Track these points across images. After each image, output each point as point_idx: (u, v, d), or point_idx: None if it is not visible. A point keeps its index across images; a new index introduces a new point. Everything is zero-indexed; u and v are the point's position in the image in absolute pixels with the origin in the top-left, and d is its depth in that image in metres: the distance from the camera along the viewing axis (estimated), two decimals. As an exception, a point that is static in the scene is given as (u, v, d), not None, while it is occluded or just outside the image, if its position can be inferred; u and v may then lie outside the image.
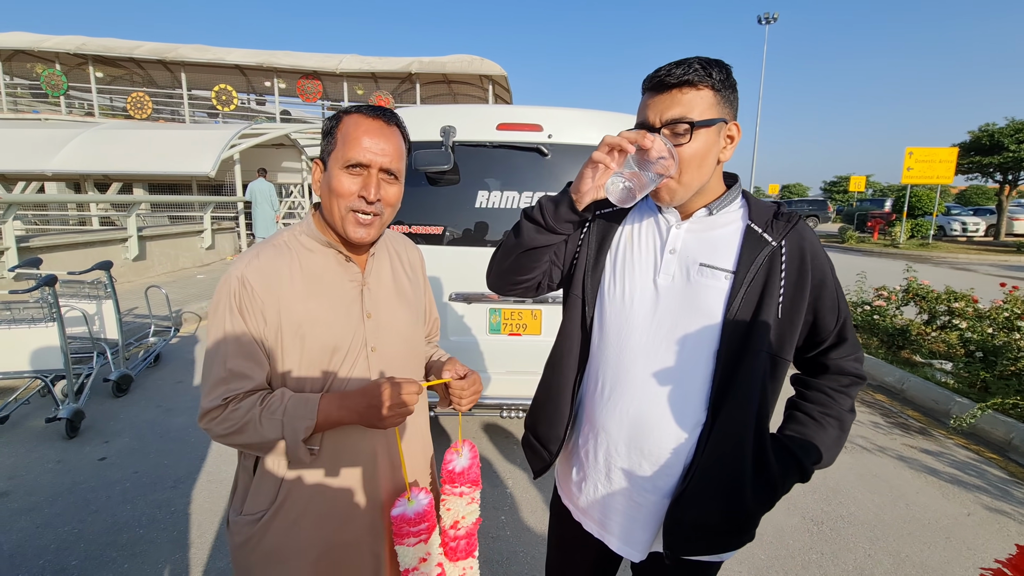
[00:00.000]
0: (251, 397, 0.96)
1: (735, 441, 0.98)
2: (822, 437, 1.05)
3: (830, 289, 1.00)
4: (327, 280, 1.03)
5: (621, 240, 1.13)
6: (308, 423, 0.94)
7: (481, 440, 3.40)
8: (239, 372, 0.95)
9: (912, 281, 5.67)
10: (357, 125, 0.99)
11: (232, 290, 0.96)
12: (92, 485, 2.77)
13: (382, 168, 0.99)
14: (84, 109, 18.66)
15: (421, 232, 2.81)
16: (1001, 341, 4.22)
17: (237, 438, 0.94)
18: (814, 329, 1.03)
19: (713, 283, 0.99)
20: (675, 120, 0.93)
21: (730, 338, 0.96)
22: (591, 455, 1.11)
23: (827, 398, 1.07)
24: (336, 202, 0.99)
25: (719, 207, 1.04)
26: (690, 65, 0.92)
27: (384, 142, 0.99)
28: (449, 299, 2.83)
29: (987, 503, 2.81)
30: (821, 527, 2.58)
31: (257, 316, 0.96)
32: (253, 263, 0.98)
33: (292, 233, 1.06)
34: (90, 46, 16.73)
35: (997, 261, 14.89)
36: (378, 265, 1.13)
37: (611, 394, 1.07)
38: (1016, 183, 20.04)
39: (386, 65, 17.30)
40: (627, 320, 1.06)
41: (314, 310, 1.00)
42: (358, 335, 1.04)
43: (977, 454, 3.38)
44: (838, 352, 1.06)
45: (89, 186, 13.63)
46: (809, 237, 1.00)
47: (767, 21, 28.45)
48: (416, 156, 2.66)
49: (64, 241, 7.41)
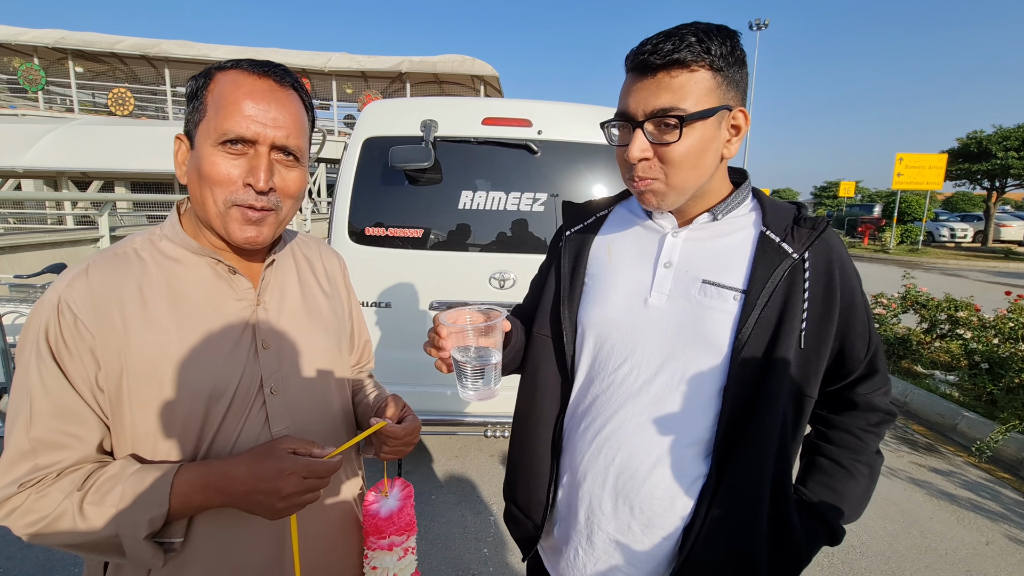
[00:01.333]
0: (70, 476, 0.67)
1: (748, 500, 0.79)
2: (852, 489, 0.88)
3: (860, 312, 0.83)
4: (199, 300, 0.75)
5: (600, 255, 0.95)
6: (155, 511, 0.65)
7: (464, 461, 3.16)
8: (51, 442, 0.67)
9: (911, 288, 5.53)
10: (236, 85, 0.71)
11: (43, 323, 0.67)
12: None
13: (276, 145, 0.73)
14: (64, 105, 18.18)
15: (399, 235, 2.58)
16: (1008, 352, 4.06)
17: (49, 538, 0.66)
18: (840, 359, 0.85)
19: (719, 305, 0.80)
20: (661, 112, 0.74)
21: (740, 374, 0.77)
22: (571, 512, 0.90)
23: (856, 440, 0.89)
24: (210, 192, 0.72)
25: (725, 210, 0.86)
26: (682, 38, 0.73)
27: (277, 109, 0.73)
28: (430, 308, 2.59)
29: (1006, 530, 2.62)
30: (833, 560, 2.38)
31: (83, 357, 0.68)
32: (78, 282, 0.69)
33: (148, 238, 0.78)
34: (70, 40, 16.29)
35: (986, 267, 14.95)
36: (279, 277, 0.86)
37: (594, 438, 0.87)
38: (1003, 190, 20.22)
39: (376, 64, 17.04)
40: (612, 350, 0.87)
41: (178, 343, 0.72)
42: (249, 374, 0.76)
43: (989, 474, 3.20)
44: (867, 386, 0.88)
45: (66, 184, 13.22)
46: (838, 248, 0.82)
47: (758, 27, 28.59)
48: (393, 152, 2.44)
49: (30, 241, 7.07)
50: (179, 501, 0.67)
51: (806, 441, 0.95)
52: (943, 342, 5.15)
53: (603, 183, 2.59)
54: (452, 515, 2.60)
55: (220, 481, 0.69)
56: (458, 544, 2.40)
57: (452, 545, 2.38)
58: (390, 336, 2.59)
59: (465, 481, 2.92)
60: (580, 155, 2.58)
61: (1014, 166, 18.21)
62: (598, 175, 2.60)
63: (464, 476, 2.97)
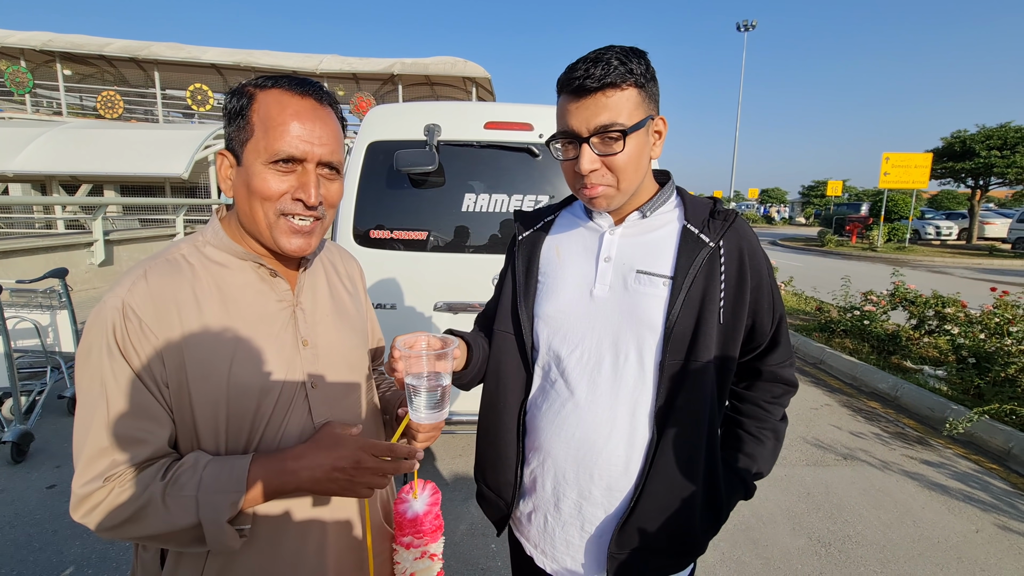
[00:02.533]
0: (148, 469, 0.71)
1: (685, 459, 0.92)
2: (761, 452, 1.04)
3: (767, 290, 0.96)
4: (246, 302, 0.80)
5: (550, 254, 1.06)
6: (234, 497, 0.70)
7: (467, 460, 3.20)
8: (128, 437, 0.70)
9: (899, 286, 5.65)
10: (282, 106, 0.75)
11: (110, 325, 0.71)
12: (38, 517, 2.50)
13: (321, 161, 0.78)
14: (52, 108, 17.97)
15: (404, 238, 2.62)
16: (993, 347, 4.18)
17: (132, 530, 0.69)
18: (751, 333, 0.98)
19: (652, 291, 0.92)
20: (604, 128, 0.85)
21: (673, 348, 0.89)
22: (539, 484, 1.01)
23: (762, 411, 1.05)
24: (261, 207, 0.77)
25: (652, 208, 0.98)
26: (609, 63, 0.84)
27: (321, 127, 0.77)
28: (434, 309, 2.64)
29: (994, 518, 2.71)
30: (829, 549, 2.45)
31: (150, 357, 0.72)
32: (138, 286, 0.73)
33: (193, 244, 0.82)
34: (57, 42, 16.12)
35: (971, 264, 15.22)
36: (313, 280, 0.91)
37: (555, 417, 0.98)
38: (987, 188, 20.58)
39: (368, 66, 17.03)
40: (566, 337, 0.98)
41: (232, 343, 0.77)
42: (293, 369, 0.82)
43: (978, 464, 3.30)
44: (772, 357, 1.03)
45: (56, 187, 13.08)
46: (747, 235, 0.95)
47: (746, 28, 28.88)
48: (398, 156, 2.48)
49: (23, 246, 7.00)
50: (256, 486, 0.72)
51: (724, 414, 1.09)
52: (931, 338, 5.27)
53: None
54: (458, 512, 2.65)
55: (297, 465, 0.74)
56: (465, 540, 2.44)
57: (460, 541, 2.43)
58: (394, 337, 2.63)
59: (468, 478, 2.97)
60: (580, 158, 2.64)
61: (997, 164, 18.56)
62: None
63: (467, 474, 3.02)
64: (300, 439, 0.81)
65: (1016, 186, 21.27)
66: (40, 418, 3.35)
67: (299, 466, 0.74)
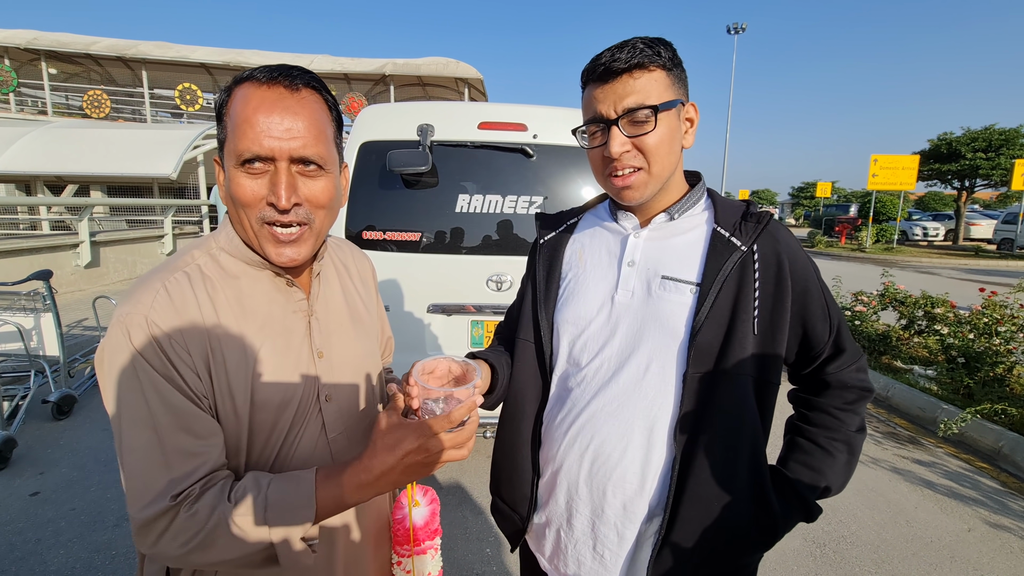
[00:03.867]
0: (211, 489, 0.67)
1: (722, 481, 0.84)
2: (831, 466, 0.91)
3: (816, 295, 0.88)
4: (264, 313, 0.76)
5: (572, 259, 1.02)
6: (306, 513, 0.66)
7: (463, 463, 3.16)
8: (186, 450, 0.66)
9: (889, 286, 5.70)
10: (247, 100, 0.69)
11: (139, 342, 0.66)
12: (20, 526, 2.44)
13: (294, 157, 0.70)
14: (37, 107, 17.70)
15: (396, 239, 2.59)
16: (983, 346, 4.22)
17: (203, 555, 0.65)
18: (806, 342, 0.90)
19: (677, 298, 0.86)
20: (634, 108, 0.82)
21: (698, 360, 0.83)
22: (552, 498, 0.96)
23: (832, 419, 0.92)
24: (244, 214, 0.72)
25: (681, 210, 0.92)
26: (635, 47, 0.82)
27: (291, 118, 0.69)
28: (427, 311, 2.61)
29: (986, 517, 2.73)
30: (824, 549, 2.45)
31: (185, 371, 0.68)
32: (159, 301, 0.68)
33: (206, 253, 0.77)
34: (42, 41, 15.88)
35: (957, 264, 15.43)
36: (326, 287, 0.87)
37: (569, 428, 0.92)
38: (972, 190, 20.89)
39: (359, 66, 16.94)
40: (586, 345, 0.93)
41: (251, 356, 0.73)
42: (309, 382, 0.78)
43: (968, 463, 3.32)
44: (837, 364, 0.92)
45: (41, 188, 12.87)
46: (785, 239, 0.88)
47: (736, 31, 29.08)
48: (391, 156, 2.45)
49: (6, 247, 6.87)
50: (328, 502, 0.69)
51: (788, 422, 0.99)
52: (921, 338, 5.31)
53: (597, 186, 2.64)
54: (453, 516, 2.62)
55: (370, 477, 0.69)
56: (460, 545, 2.41)
57: (455, 546, 2.40)
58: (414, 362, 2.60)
59: (464, 482, 2.94)
60: (575, 159, 2.62)
61: (982, 166, 18.86)
62: (592, 178, 2.64)
63: (463, 477, 2.99)
64: (312, 454, 0.78)
65: (1001, 188, 21.62)
66: (24, 424, 3.27)
67: (372, 477, 0.69)
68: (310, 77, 0.74)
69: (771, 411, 0.90)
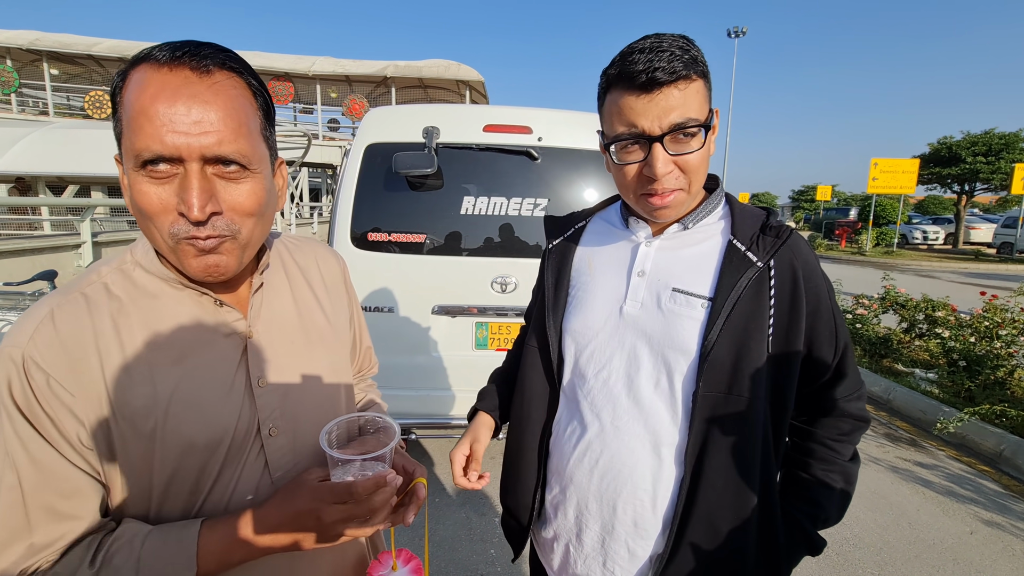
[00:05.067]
0: (72, 552, 0.58)
1: (731, 505, 0.81)
2: (828, 497, 0.89)
3: (826, 316, 0.84)
4: (184, 339, 0.64)
5: (581, 266, 0.98)
6: (184, 575, 0.58)
7: (465, 462, 3.18)
8: (53, 512, 0.57)
9: (890, 289, 5.72)
10: (143, 87, 0.56)
11: (8, 385, 0.57)
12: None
13: (207, 157, 0.57)
14: (38, 108, 17.74)
15: (401, 240, 2.61)
16: (983, 350, 4.23)
17: None
18: (808, 363, 0.86)
19: (688, 312, 0.82)
20: (680, 124, 0.76)
21: (709, 378, 0.79)
22: (561, 511, 0.94)
23: (829, 452, 0.90)
24: (152, 226, 0.59)
25: (696, 219, 0.88)
26: (673, 54, 0.75)
27: (201, 107, 0.56)
28: (432, 313, 2.62)
29: (988, 519, 2.74)
30: (827, 552, 2.45)
31: (63, 419, 0.58)
32: (43, 333, 0.58)
33: (117, 269, 0.66)
34: (44, 41, 15.91)
35: (957, 268, 15.44)
36: (271, 299, 0.74)
37: (578, 442, 0.90)
38: (972, 193, 20.95)
39: (361, 68, 16.96)
40: (592, 356, 0.90)
41: (166, 392, 0.62)
42: (245, 418, 0.67)
43: (970, 466, 3.33)
44: (838, 390, 0.88)
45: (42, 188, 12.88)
46: (803, 254, 0.83)
47: (736, 35, 29.17)
48: (397, 159, 2.46)
49: (8, 247, 6.86)
50: (211, 560, 0.60)
51: (785, 453, 0.95)
52: (922, 341, 5.33)
53: (602, 188, 2.65)
54: (456, 517, 2.63)
55: (258, 531, 0.62)
56: (464, 546, 2.42)
57: (458, 547, 2.41)
58: (392, 341, 2.61)
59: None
60: (579, 161, 2.64)
61: (982, 170, 18.92)
62: (597, 181, 2.66)
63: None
64: (255, 497, 0.68)
65: (1001, 192, 21.67)
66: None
67: (255, 532, 0.62)
68: (225, 56, 0.60)
69: (785, 430, 0.87)
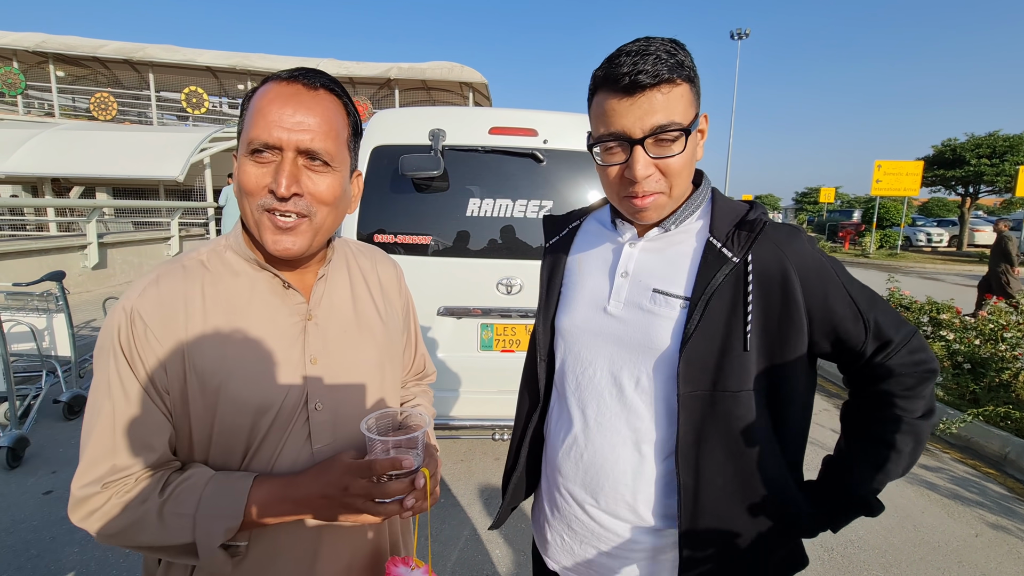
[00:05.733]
0: (147, 481, 0.69)
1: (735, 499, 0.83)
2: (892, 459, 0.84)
3: (840, 296, 0.81)
4: (254, 313, 0.76)
5: (573, 265, 1.01)
6: (231, 523, 0.67)
7: (470, 464, 3.19)
8: (131, 443, 0.69)
9: (894, 292, 5.71)
10: (265, 95, 0.71)
11: (117, 329, 0.69)
12: (35, 523, 2.47)
13: (300, 149, 0.71)
14: (44, 109, 17.84)
15: (407, 242, 2.62)
16: (988, 352, 4.23)
17: (127, 539, 0.68)
18: (841, 346, 0.83)
19: (667, 312, 0.83)
20: (661, 128, 0.76)
21: (689, 379, 0.79)
22: (553, 502, 0.99)
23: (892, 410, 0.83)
24: (247, 202, 0.72)
25: (677, 221, 0.88)
26: (658, 57, 0.75)
27: (304, 112, 0.71)
28: (437, 314, 2.64)
29: (993, 522, 2.73)
30: (832, 553, 2.46)
31: (154, 364, 0.70)
32: (148, 292, 0.71)
33: (214, 249, 0.79)
34: (51, 44, 16.03)
35: (962, 271, 15.40)
36: (331, 290, 0.85)
37: (566, 437, 0.94)
38: (976, 196, 20.88)
39: (364, 70, 17.04)
40: (579, 355, 0.93)
41: (233, 355, 0.73)
42: (296, 389, 0.76)
43: (975, 469, 3.33)
44: (886, 354, 0.82)
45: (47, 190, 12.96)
46: (794, 247, 0.81)
47: (739, 36, 29.15)
48: (404, 161, 2.48)
49: (15, 248, 6.93)
50: (255, 511, 0.69)
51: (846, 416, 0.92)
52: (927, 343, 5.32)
53: (607, 191, 2.66)
54: (462, 517, 2.64)
55: (296, 493, 0.71)
56: (469, 546, 2.43)
57: (464, 547, 2.42)
58: None
59: (473, 483, 2.96)
60: (585, 164, 2.65)
61: (986, 173, 18.85)
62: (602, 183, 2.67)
63: (471, 478, 3.01)
64: (293, 465, 0.76)
65: (1005, 194, 21.59)
66: (36, 423, 3.30)
67: (296, 494, 0.71)
68: (331, 80, 0.76)
69: (797, 420, 0.86)
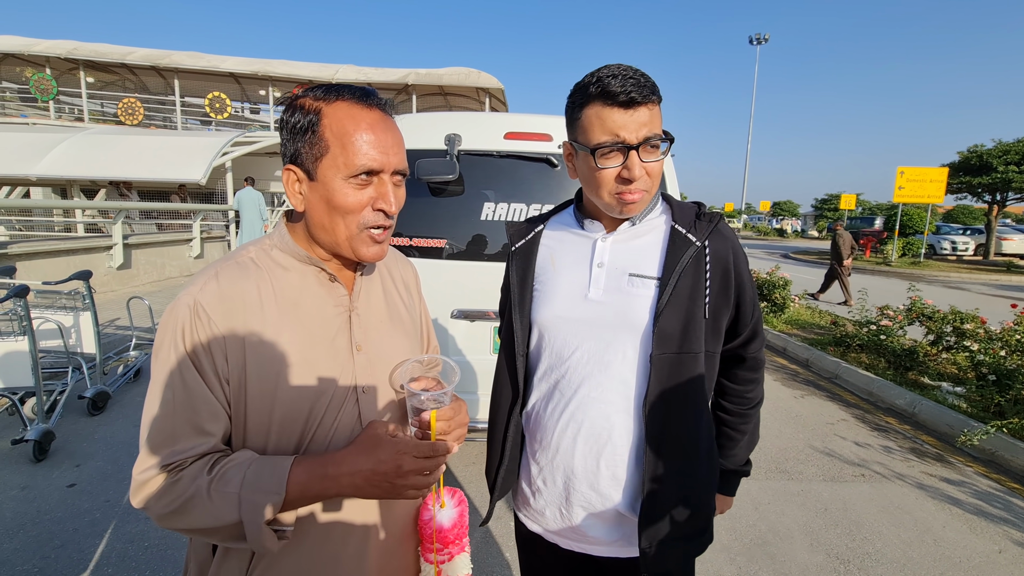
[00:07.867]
0: (198, 462, 0.73)
1: (687, 445, 1.00)
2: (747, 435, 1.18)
3: (748, 286, 1.06)
4: (306, 305, 0.82)
5: (545, 263, 1.13)
6: (274, 498, 0.70)
7: (481, 468, 3.20)
8: (189, 429, 0.73)
9: (916, 301, 5.59)
10: (355, 121, 0.77)
11: (182, 322, 0.74)
12: (59, 515, 2.54)
13: (395, 170, 0.80)
14: (74, 114, 18.40)
15: (422, 245, 2.65)
16: (1015, 364, 4.11)
17: (180, 520, 0.71)
18: (735, 324, 1.08)
19: (643, 291, 1.00)
20: (653, 137, 0.94)
21: (661, 342, 0.96)
22: (551, 481, 1.09)
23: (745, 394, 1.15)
24: (343, 221, 0.79)
25: (642, 216, 1.06)
26: (645, 83, 0.93)
27: (392, 137, 0.79)
28: (451, 317, 2.66)
29: (1018, 538, 2.66)
30: (848, 566, 2.41)
31: (215, 354, 0.75)
32: (210, 286, 0.77)
33: (261, 247, 0.85)
34: (81, 51, 16.54)
35: (988, 280, 14.99)
36: (368, 285, 0.93)
37: (560, 416, 1.05)
38: (1004, 203, 20.32)
39: (382, 76, 17.26)
40: (566, 340, 1.05)
41: (291, 344, 0.79)
42: (346, 374, 0.83)
43: (999, 483, 3.24)
44: (754, 345, 1.12)
45: (76, 192, 13.34)
46: (732, 237, 1.06)
47: (758, 41, 28.91)
48: (419, 165, 2.51)
49: (44, 248, 7.14)
50: (296, 489, 0.72)
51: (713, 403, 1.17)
52: (950, 354, 5.19)
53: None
54: (473, 520, 2.64)
55: (338, 471, 0.74)
56: (481, 549, 2.44)
57: (475, 550, 2.43)
58: None
59: (483, 486, 2.97)
60: (599, 168, 2.66)
61: (1015, 180, 18.31)
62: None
63: (482, 481, 3.02)
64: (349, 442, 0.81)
65: (1034, 201, 20.94)
66: (61, 418, 3.40)
67: (340, 471, 0.74)
68: (390, 101, 0.85)
69: (715, 378, 1.11)
